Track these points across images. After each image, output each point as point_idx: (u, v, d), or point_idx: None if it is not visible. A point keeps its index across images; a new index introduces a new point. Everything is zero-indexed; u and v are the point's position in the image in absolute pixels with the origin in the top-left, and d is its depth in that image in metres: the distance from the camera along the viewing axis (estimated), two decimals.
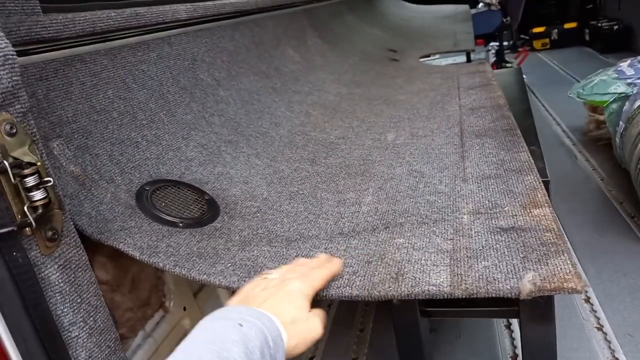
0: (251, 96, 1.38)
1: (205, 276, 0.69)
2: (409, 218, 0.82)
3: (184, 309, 1.04)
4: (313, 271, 0.62)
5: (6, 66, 0.51)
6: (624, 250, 1.64)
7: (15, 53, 0.53)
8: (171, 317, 1.00)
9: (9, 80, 0.51)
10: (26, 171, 0.51)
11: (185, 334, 1.06)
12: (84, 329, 0.57)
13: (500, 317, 1.34)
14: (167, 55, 1.12)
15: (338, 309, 1.56)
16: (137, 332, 0.91)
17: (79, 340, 0.57)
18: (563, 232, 0.73)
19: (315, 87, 1.72)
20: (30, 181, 0.52)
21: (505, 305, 0.98)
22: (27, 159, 0.52)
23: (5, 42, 0.52)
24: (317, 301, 0.63)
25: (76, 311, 0.57)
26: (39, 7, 0.78)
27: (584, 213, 1.92)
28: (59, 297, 0.55)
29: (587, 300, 1.43)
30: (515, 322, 1.39)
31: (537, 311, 0.95)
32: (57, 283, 0.55)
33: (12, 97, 0.52)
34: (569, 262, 0.62)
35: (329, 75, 1.91)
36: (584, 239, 1.74)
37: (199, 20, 1.29)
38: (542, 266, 0.62)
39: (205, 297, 1.13)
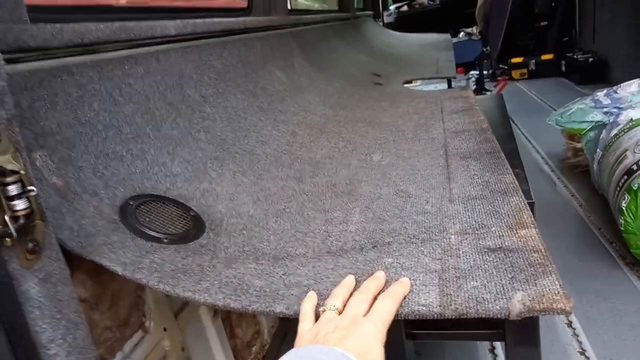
0: (237, 114, 1.37)
1: (190, 293, 0.67)
2: (396, 237, 0.82)
3: (164, 329, 1.01)
4: (382, 304, 0.60)
5: None
6: (603, 275, 1.66)
7: (2, 59, 0.52)
8: (151, 338, 0.97)
9: None
10: (9, 179, 0.50)
11: (164, 356, 1.03)
12: (63, 346, 0.55)
13: (486, 339, 1.33)
14: (155, 70, 1.11)
15: None
16: (116, 352, 0.87)
17: (57, 358, 0.54)
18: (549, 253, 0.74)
19: (301, 108, 1.72)
20: (13, 190, 0.50)
21: (491, 328, 0.98)
22: (10, 166, 0.50)
23: None
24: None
25: (55, 328, 0.54)
26: (26, 16, 0.76)
27: (563, 238, 1.95)
28: (37, 313, 0.53)
29: (570, 324, 1.43)
30: (499, 346, 1.39)
31: (522, 334, 0.95)
32: (36, 297, 0.52)
33: None
34: (557, 282, 0.62)
35: (315, 96, 1.93)
36: (564, 264, 1.76)
37: (187, 37, 1.29)
38: (531, 286, 0.62)
39: (186, 317, 1.10)
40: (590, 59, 4.75)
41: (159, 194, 0.90)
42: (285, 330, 1.49)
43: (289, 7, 2.39)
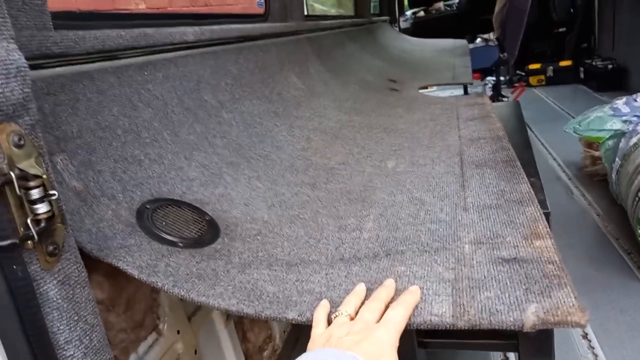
0: (253, 119, 1.39)
1: (204, 298, 0.68)
2: (410, 246, 0.82)
3: (178, 332, 1.02)
4: (394, 312, 0.60)
5: (18, 78, 0.51)
6: (620, 286, 1.63)
7: (27, 66, 0.53)
8: (164, 341, 0.98)
9: (20, 92, 0.51)
10: (31, 183, 0.51)
11: (177, 358, 1.04)
12: (80, 347, 0.56)
13: (499, 350, 1.32)
14: (173, 76, 1.13)
15: None
16: (130, 354, 0.88)
17: (74, 359, 0.55)
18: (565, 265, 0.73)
19: (316, 113, 1.73)
20: (35, 194, 0.51)
21: (504, 339, 0.97)
22: (33, 171, 0.52)
23: (19, 55, 0.53)
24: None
25: (73, 329, 0.55)
26: (50, 23, 0.78)
27: (580, 248, 1.92)
28: (56, 314, 0.54)
29: (585, 336, 1.41)
30: (512, 356, 1.37)
31: (536, 345, 0.94)
32: (55, 299, 0.54)
33: (22, 109, 0.52)
34: (572, 295, 0.61)
35: (330, 102, 1.93)
36: (581, 274, 1.73)
37: (205, 43, 1.31)
38: (545, 299, 0.62)
39: (199, 321, 1.11)
40: (610, 66, 4.68)
41: (176, 198, 0.91)
42: (298, 335, 1.49)
43: (305, 13, 2.41)
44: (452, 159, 1.25)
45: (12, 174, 0.49)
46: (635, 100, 2.14)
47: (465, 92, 3.28)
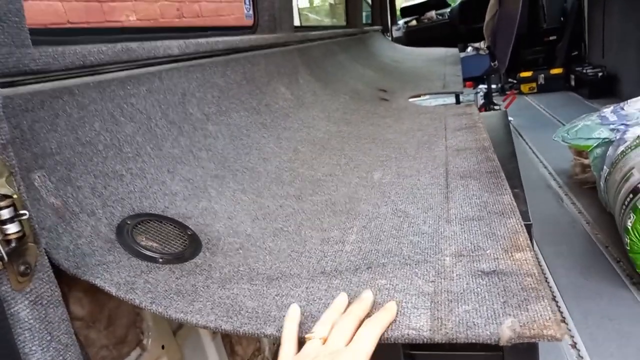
0: (240, 131, 1.39)
1: (182, 314, 0.67)
2: (391, 259, 0.82)
3: (162, 347, 1.01)
4: (367, 332, 0.60)
5: None
6: (609, 294, 1.63)
7: None
8: (149, 356, 0.97)
9: None
10: (1, 204, 0.51)
11: None
12: None
13: None
14: (157, 90, 1.13)
15: None
16: None
17: None
18: (544, 277, 0.73)
19: (305, 124, 1.74)
20: (5, 214, 0.51)
21: (489, 350, 0.97)
22: (3, 191, 0.51)
23: None
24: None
25: (45, 350, 0.55)
26: (29, 40, 0.78)
27: (570, 256, 1.92)
28: (27, 335, 0.53)
29: (574, 345, 1.41)
30: None
31: (521, 357, 0.94)
32: (26, 320, 0.53)
33: None
34: (549, 308, 0.61)
35: (319, 112, 1.94)
36: (570, 283, 1.73)
37: (191, 56, 1.31)
38: (522, 312, 0.62)
39: (184, 335, 1.10)
40: (600, 74, 4.73)
41: (158, 212, 0.91)
42: None
43: (295, 24, 2.42)
44: (437, 169, 1.26)
45: None
46: (623, 109, 2.16)
47: (457, 101, 3.30)
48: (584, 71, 4.93)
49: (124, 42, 1.07)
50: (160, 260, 0.79)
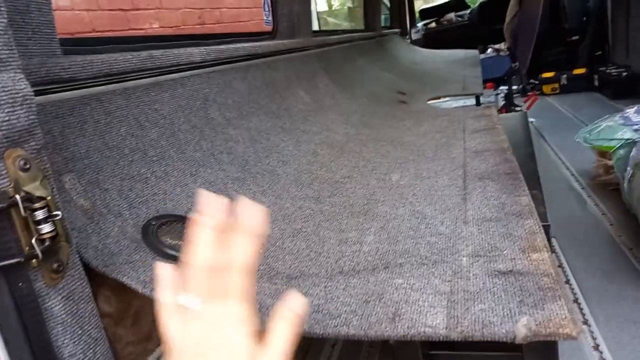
0: (260, 135, 1.41)
1: None
2: (409, 259, 0.83)
3: None
4: (235, 277, 0.42)
5: (24, 106, 0.54)
6: (633, 298, 1.61)
7: (33, 94, 0.57)
8: None
9: (26, 119, 0.55)
10: (36, 205, 0.54)
11: None
12: None
13: None
14: (180, 95, 1.16)
15: (342, 349, 1.54)
16: None
17: None
18: (561, 277, 0.74)
19: (323, 127, 1.76)
20: (40, 214, 0.54)
21: (508, 351, 0.97)
22: (38, 193, 0.55)
23: (25, 84, 0.56)
24: (320, 340, 0.63)
25: (77, 343, 0.58)
26: (59, 50, 0.82)
27: (593, 259, 1.89)
28: (60, 329, 0.56)
29: (596, 347, 1.39)
30: None
31: (540, 358, 0.94)
32: (59, 314, 0.56)
33: (27, 135, 0.55)
34: (565, 307, 0.62)
35: (338, 116, 1.96)
36: (593, 285, 1.71)
37: (211, 62, 1.35)
38: (539, 311, 0.62)
39: None
40: (624, 73, 4.63)
41: (180, 214, 0.94)
42: (308, 346, 1.50)
43: (313, 28, 2.45)
44: (455, 171, 1.26)
45: (17, 196, 0.52)
46: None
47: (477, 103, 3.28)
48: (608, 71, 4.83)
49: (148, 50, 1.10)
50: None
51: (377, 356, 1.50)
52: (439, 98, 2.95)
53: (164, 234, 0.86)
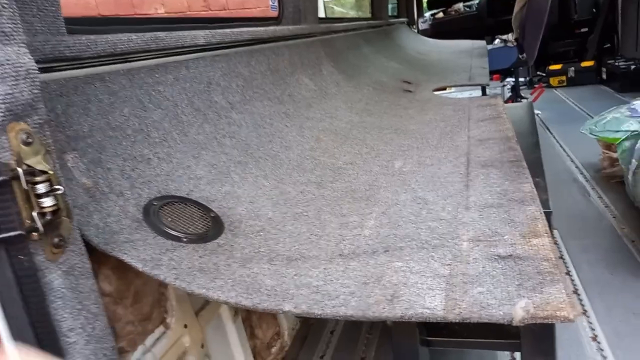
0: (263, 120, 1.41)
1: (204, 290, 0.70)
2: (409, 243, 0.83)
3: (185, 326, 1.05)
4: None
5: (27, 80, 0.54)
6: (634, 289, 1.61)
7: (37, 68, 0.57)
8: (172, 334, 1.01)
9: (29, 93, 0.55)
10: (38, 178, 0.54)
11: (184, 351, 1.07)
12: (82, 335, 0.59)
13: (501, 349, 1.32)
14: (184, 78, 1.16)
15: (341, 335, 1.55)
16: (137, 346, 0.92)
17: (76, 346, 0.58)
18: (562, 262, 0.74)
19: (327, 114, 1.75)
20: (41, 188, 0.54)
21: (506, 338, 0.98)
22: (40, 167, 0.55)
23: (29, 58, 0.56)
24: (321, 322, 0.63)
25: (76, 317, 0.58)
26: (64, 28, 0.82)
27: (595, 250, 1.89)
28: (59, 303, 0.57)
29: (595, 338, 1.40)
30: (519, 356, 1.36)
31: (538, 344, 0.95)
32: (59, 288, 0.57)
33: (30, 109, 0.55)
34: (563, 291, 0.62)
35: (342, 103, 1.95)
36: (595, 277, 1.71)
37: (216, 46, 1.34)
38: (537, 294, 0.62)
39: (206, 316, 1.14)
40: (633, 67, 4.59)
41: (182, 195, 0.94)
42: (306, 332, 1.51)
43: (320, 16, 2.43)
44: (459, 159, 1.26)
45: (19, 169, 0.52)
46: None
47: (484, 94, 3.26)
48: (616, 64, 4.79)
49: (153, 31, 1.10)
50: (185, 239, 0.82)
51: (376, 342, 1.51)
52: (444, 89, 2.93)
53: (165, 215, 0.86)
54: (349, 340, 1.52)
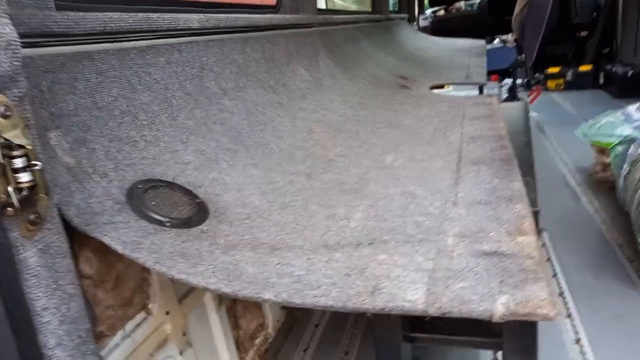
0: (256, 108, 1.40)
1: (184, 275, 0.69)
2: (395, 236, 0.82)
3: (167, 313, 1.04)
4: None
5: (8, 51, 0.53)
6: (620, 293, 1.61)
7: (19, 41, 0.55)
8: (153, 320, 1.00)
9: (9, 64, 0.53)
10: (15, 152, 0.53)
11: (165, 338, 1.05)
12: (56, 315, 0.58)
13: (483, 347, 1.31)
14: (176, 61, 1.14)
15: (325, 329, 1.55)
16: (117, 331, 0.90)
17: (49, 326, 0.57)
18: (548, 262, 0.73)
19: (321, 106, 1.74)
20: (18, 163, 0.53)
21: (489, 336, 0.97)
22: (17, 141, 0.53)
23: (11, 29, 0.54)
24: (306, 315, 0.62)
25: (50, 297, 0.57)
26: (52, 3, 0.80)
27: (582, 254, 1.90)
28: (34, 281, 0.56)
29: (577, 341, 1.40)
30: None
31: (519, 344, 0.94)
32: (34, 266, 0.56)
33: (9, 81, 0.53)
34: (545, 289, 0.62)
35: (337, 96, 1.94)
36: (581, 281, 1.72)
37: (210, 30, 1.32)
38: (518, 291, 0.62)
39: (190, 303, 1.12)
40: (630, 72, 4.60)
41: (168, 179, 0.93)
42: (291, 324, 1.51)
43: (319, 6, 2.41)
44: (450, 155, 1.25)
45: None
46: None
47: (481, 93, 3.25)
48: (614, 69, 4.80)
49: (145, 12, 1.08)
50: (168, 224, 0.81)
51: (360, 336, 1.51)
52: (442, 87, 2.92)
53: (150, 198, 0.85)
54: (333, 334, 1.52)
